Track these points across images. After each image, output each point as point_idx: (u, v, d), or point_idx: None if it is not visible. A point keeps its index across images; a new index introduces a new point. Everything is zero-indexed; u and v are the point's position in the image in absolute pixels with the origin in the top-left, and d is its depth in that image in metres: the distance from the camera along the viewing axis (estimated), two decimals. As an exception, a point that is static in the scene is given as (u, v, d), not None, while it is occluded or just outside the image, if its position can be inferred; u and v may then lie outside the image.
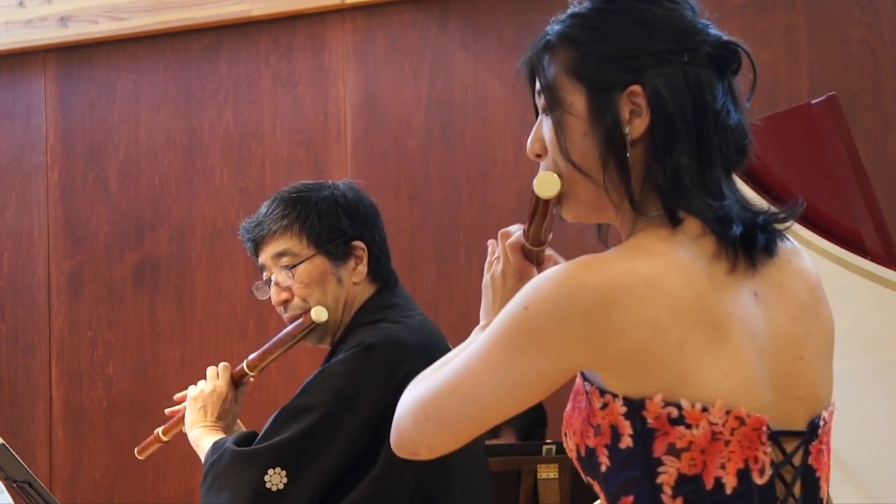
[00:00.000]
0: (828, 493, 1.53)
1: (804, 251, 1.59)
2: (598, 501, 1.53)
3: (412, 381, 1.59)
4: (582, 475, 1.52)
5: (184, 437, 2.77)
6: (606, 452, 1.45)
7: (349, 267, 2.64)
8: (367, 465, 2.49)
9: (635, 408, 1.42)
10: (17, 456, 2.75)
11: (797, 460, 1.48)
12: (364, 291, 2.66)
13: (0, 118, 4.71)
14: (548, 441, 3.42)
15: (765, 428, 1.43)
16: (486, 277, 1.69)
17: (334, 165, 4.29)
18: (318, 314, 2.60)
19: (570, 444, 1.52)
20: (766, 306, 1.49)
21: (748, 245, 1.48)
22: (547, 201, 1.57)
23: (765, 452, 1.43)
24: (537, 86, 1.58)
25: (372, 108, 4.29)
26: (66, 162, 4.62)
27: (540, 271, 1.64)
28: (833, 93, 2.95)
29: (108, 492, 4.50)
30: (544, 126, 1.58)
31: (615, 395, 1.43)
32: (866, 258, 2.83)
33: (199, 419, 2.68)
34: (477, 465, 2.62)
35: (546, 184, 1.56)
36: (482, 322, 1.67)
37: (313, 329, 2.63)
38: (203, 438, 2.65)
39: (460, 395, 1.49)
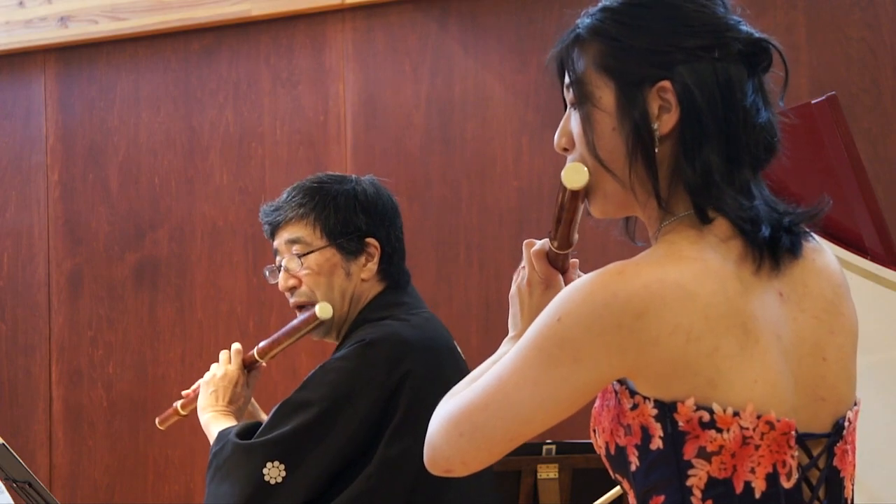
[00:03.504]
0: (852, 492, 1.54)
1: (827, 248, 1.59)
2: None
3: (444, 397, 1.58)
4: (610, 472, 1.53)
5: (182, 438, 2.78)
6: (636, 453, 1.46)
7: (359, 262, 2.66)
8: (365, 461, 2.50)
9: (666, 411, 1.42)
10: (17, 456, 2.75)
11: (822, 462, 1.48)
12: (372, 289, 2.68)
13: (0, 118, 4.71)
14: (548, 441, 3.41)
15: (793, 432, 1.44)
16: (513, 288, 1.68)
17: (334, 165, 4.29)
18: (323, 311, 2.62)
19: (598, 442, 1.52)
20: (791, 306, 1.50)
21: (773, 247, 1.48)
22: (575, 194, 1.56)
23: (792, 456, 1.44)
24: (566, 80, 1.57)
25: (372, 108, 4.29)
26: (66, 162, 4.62)
27: (566, 279, 1.65)
28: (833, 93, 2.95)
29: (108, 492, 4.50)
30: (572, 120, 1.57)
31: (646, 398, 1.44)
32: (866, 258, 2.83)
33: (210, 403, 2.72)
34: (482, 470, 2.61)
35: (574, 174, 1.54)
36: (511, 333, 1.67)
37: (319, 324, 2.65)
38: (213, 424, 2.69)
39: (494, 409, 1.48)
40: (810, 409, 1.48)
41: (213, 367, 2.79)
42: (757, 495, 1.42)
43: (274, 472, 2.49)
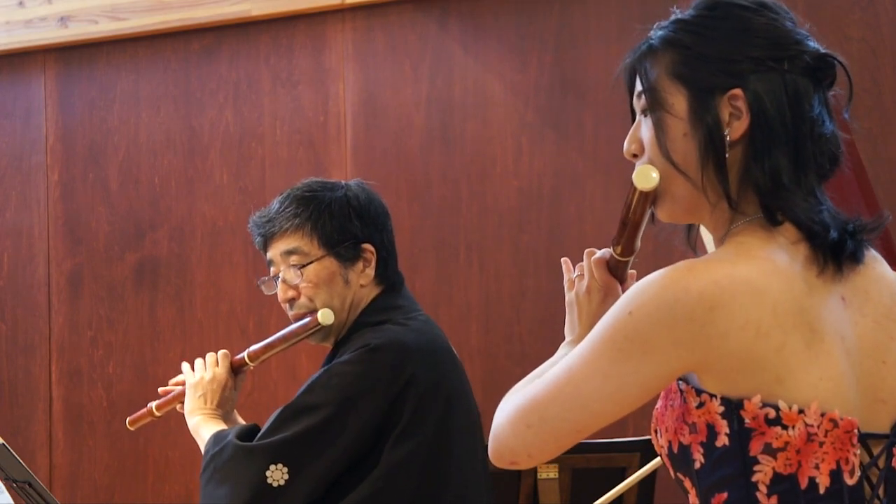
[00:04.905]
0: None
1: (882, 259, 1.63)
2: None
3: (507, 394, 1.61)
4: (671, 472, 1.56)
5: (182, 438, 2.78)
6: (701, 450, 1.49)
7: (357, 269, 2.65)
8: (368, 466, 2.51)
9: (733, 408, 1.46)
10: (17, 456, 2.74)
11: (881, 462, 1.51)
12: (370, 293, 2.68)
13: (0, 118, 4.71)
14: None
15: (856, 430, 1.47)
16: (570, 295, 1.73)
17: (334, 165, 4.29)
18: (325, 317, 2.62)
19: (660, 441, 1.55)
20: (853, 311, 1.54)
21: (837, 251, 1.53)
22: (644, 196, 1.59)
23: (855, 454, 1.47)
24: (637, 88, 1.62)
25: (372, 108, 4.29)
26: (66, 162, 4.62)
27: (623, 289, 1.69)
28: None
29: (108, 492, 4.50)
30: (643, 127, 1.61)
31: (712, 395, 1.47)
32: (866, 258, 2.82)
33: (198, 407, 2.74)
34: (476, 468, 2.62)
35: (645, 176, 1.58)
36: (567, 339, 1.73)
37: (318, 330, 2.65)
38: (203, 427, 2.69)
39: (562, 401, 1.51)
40: (871, 411, 1.51)
41: (198, 366, 2.78)
42: (821, 491, 1.45)
43: (277, 475, 2.49)
